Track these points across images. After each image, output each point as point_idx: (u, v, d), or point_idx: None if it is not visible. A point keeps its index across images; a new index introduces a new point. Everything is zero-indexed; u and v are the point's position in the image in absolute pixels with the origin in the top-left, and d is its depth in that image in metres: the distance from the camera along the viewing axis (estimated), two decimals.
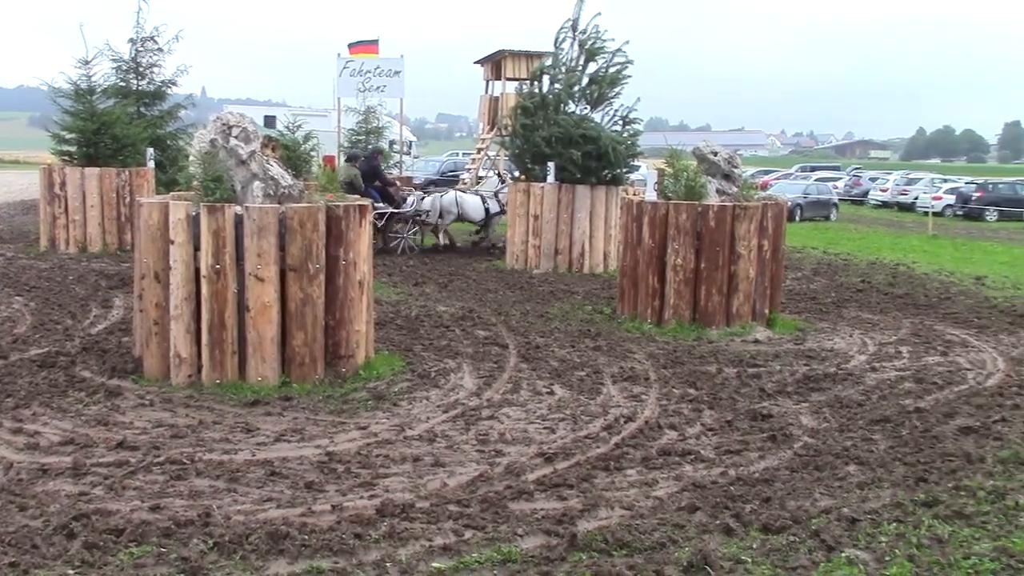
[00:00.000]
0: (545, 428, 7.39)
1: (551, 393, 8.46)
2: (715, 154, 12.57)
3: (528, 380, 8.87)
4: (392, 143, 28.60)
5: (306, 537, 5.07)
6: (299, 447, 6.70)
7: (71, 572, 4.63)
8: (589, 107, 17.81)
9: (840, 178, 51.43)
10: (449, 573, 4.75)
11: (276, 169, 8.86)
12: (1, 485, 5.75)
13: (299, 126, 20.60)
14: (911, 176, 48.95)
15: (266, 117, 36.85)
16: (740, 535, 5.34)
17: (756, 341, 11.03)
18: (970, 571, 4.92)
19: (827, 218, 35.06)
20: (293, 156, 18.11)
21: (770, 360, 10.06)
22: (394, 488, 5.93)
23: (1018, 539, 5.32)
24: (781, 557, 5.05)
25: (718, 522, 5.50)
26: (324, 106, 41.58)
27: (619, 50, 17.48)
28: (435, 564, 4.85)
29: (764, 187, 34.02)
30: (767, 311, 11.88)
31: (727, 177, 12.53)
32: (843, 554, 5.08)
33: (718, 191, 12.31)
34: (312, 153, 19.57)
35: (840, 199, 41.20)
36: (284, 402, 7.77)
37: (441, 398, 8.17)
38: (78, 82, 18.73)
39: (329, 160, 23.20)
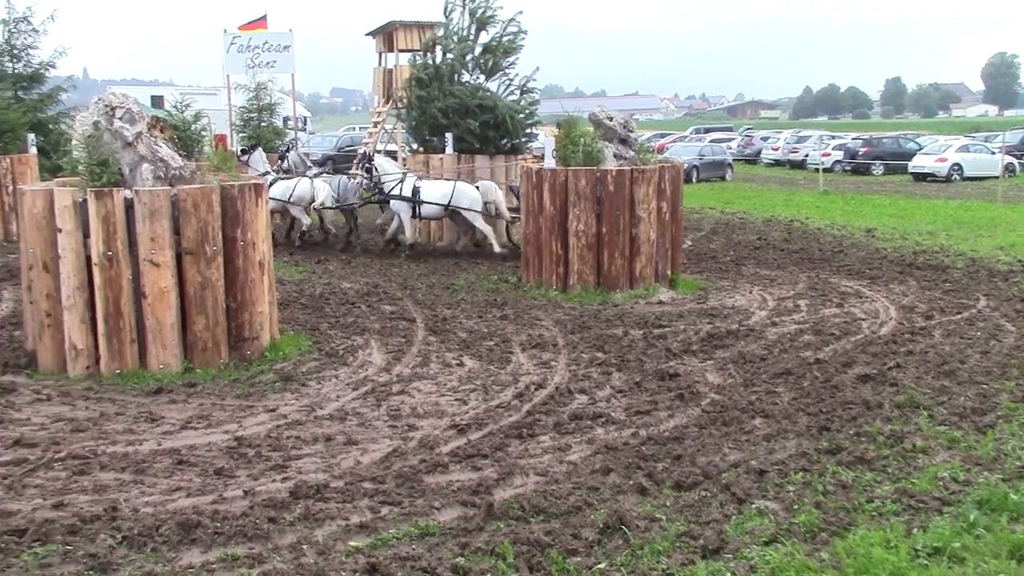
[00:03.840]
0: (457, 400, 7.38)
1: (461, 365, 8.45)
2: (611, 119, 12.66)
3: (437, 353, 8.85)
4: (286, 120, 28.01)
5: (219, 525, 4.97)
6: (207, 434, 6.55)
7: None
8: (484, 77, 17.74)
9: (733, 139, 52.39)
10: (367, 551, 4.72)
11: (165, 150, 8.59)
12: None
13: (188, 105, 19.98)
14: (801, 134, 50.10)
15: (153, 97, 35.65)
16: (654, 494, 5.43)
17: (660, 302, 11.20)
18: (874, 513, 5.10)
19: (723, 178, 35.73)
20: (183, 136, 17.57)
21: (674, 320, 10.23)
22: (307, 469, 5.86)
23: (917, 480, 5.55)
24: (695, 512, 5.16)
25: (632, 482, 5.58)
26: (213, 84, 40.51)
27: (512, 19, 17.44)
28: (352, 543, 4.81)
29: (660, 150, 34.46)
30: (669, 272, 12.07)
31: (623, 142, 12.63)
32: (754, 505, 5.22)
33: (615, 156, 12.41)
34: (203, 133, 19.03)
35: (734, 159, 42.00)
36: (188, 389, 7.59)
37: (350, 376, 8.09)
38: None
39: (220, 139, 22.65)
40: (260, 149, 17.95)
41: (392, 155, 27.00)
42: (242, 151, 17.69)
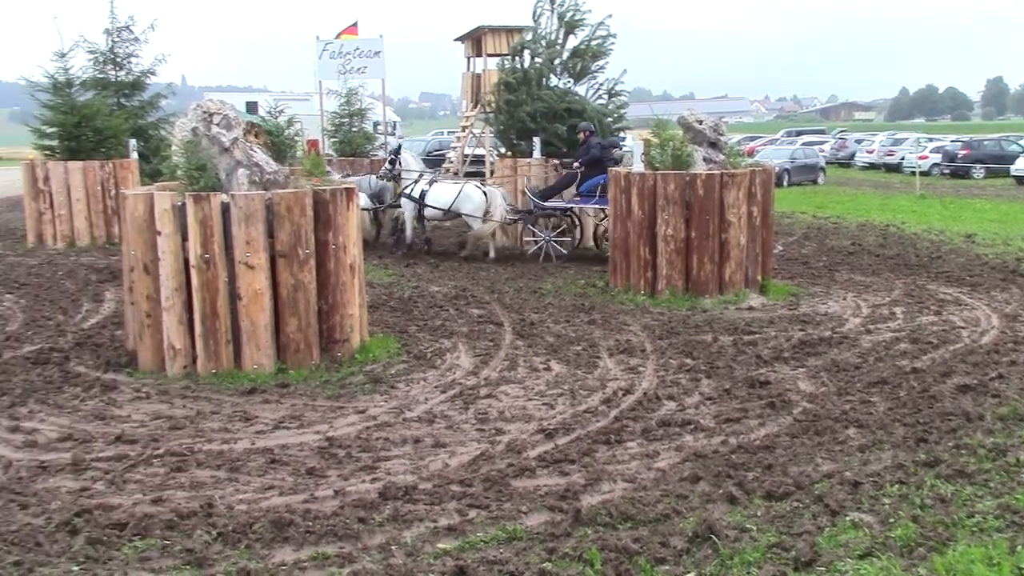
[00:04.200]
0: (544, 404, 7.38)
1: (548, 369, 8.44)
2: (700, 122, 12.53)
3: (524, 357, 8.86)
4: (376, 124, 28.40)
5: (310, 523, 5.05)
6: (299, 433, 6.67)
7: (75, 569, 4.61)
8: (572, 80, 17.72)
9: (826, 141, 51.38)
10: (455, 553, 4.74)
11: (260, 155, 8.79)
12: (1, 484, 5.72)
13: (281, 111, 20.43)
14: (897, 137, 48.90)
15: (248, 103, 36.50)
16: (744, 503, 5.34)
17: (750, 308, 11.03)
18: (974, 529, 4.93)
19: (815, 182, 35.06)
20: (277, 142, 17.96)
21: (765, 326, 10.06)
22: (396, 471, 5.92)
23: (1021, 495, 5.34)
24: (786, 523, 5.06)
25: (721, 491, 5.50)
26: (306, 90, 41.28)
27: (601, 23, 17.39)
28: (440, 545, 4.84)
29: (750, 153, 33.95)
30: (759, 278, 11.87)
31: (713, 145, 12.48)
32: (847, 518, 5.09)
33: (705, 159, 12.27)
34: (296, 138, 19.41)
35: (827, 162, 41.20)
36: (281, 389, 7.74)
37: (438, 378, 8.15)
38: (55, 75, 18.54)
39: (313, 144, 23.05)
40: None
41: (480, 159, 27.17)
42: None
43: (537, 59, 17.64)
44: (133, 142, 18.81)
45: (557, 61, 17.55)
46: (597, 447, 6.33)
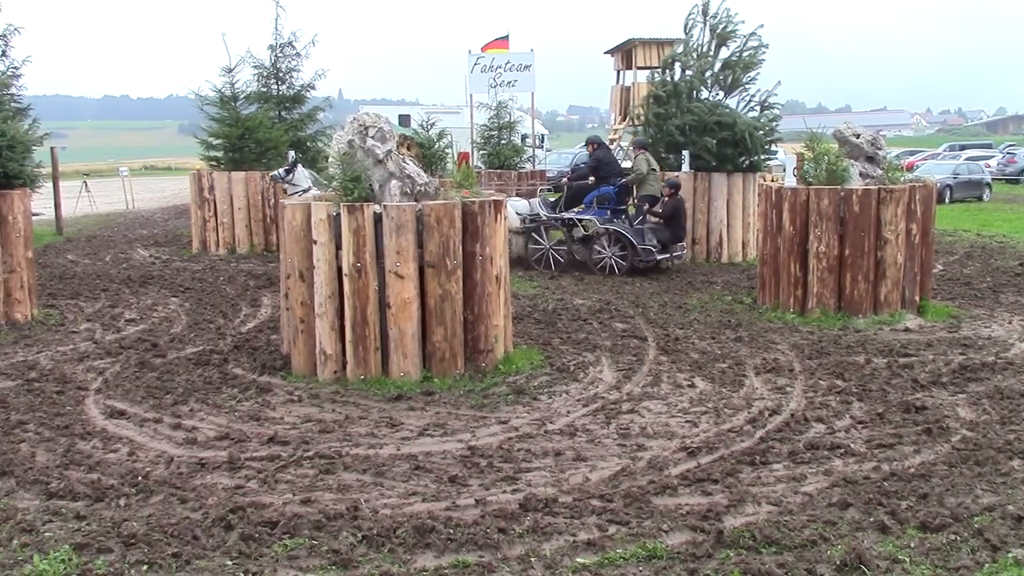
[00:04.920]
0: (687, 422, 7.27)
1: (692, 386, 8.32)
2: (857, 136, 12.13)
3: (668, 373, 8.75)
4: (524, 137, 28.69)
5: (451, 531, 5.12)
6: (442, 441, 6.78)
7: (229, 563, 4.80)
8: (723, 93, 17.48)
9: (992, 156, 48.84)
10: (594, 569, 4.72)
11: (412, 167, 9.00)
12: (163, 478, 6.03)
13: (433, 124, 20.90)
14: None
15: (400, 116, 37.42)
16: (896, 533, 5.12)
17: (906, 329, 10.60)
18: None
19: (979, 199, 33.41)
20: (428, 154, 18.37)
21: (922, 349, 9.64)
22: (536, 482, 5.94)
23: None
24: (942, 557, 4.82)
25: (872, 519, 5.29)
26: (456, 103, 42.05)
27: (753, 34, 17.11)
28: (579, 559, 4.82)
29: (910, 168, 32.65)
30: (917, 298, 11.40)
31: (871, 159, 12.07)
32: (1010, 554, 4.82)
33: (861, 174, 11.87)
34: (446, 150, 19.80)
35: (993, 179, 39.17)
36: (426, 397, 7.89)
37: (581, 392, 8.14)
38: (222, 89, 19.50)
39: (464, 156, 23.44)
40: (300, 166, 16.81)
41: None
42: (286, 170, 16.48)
43: (688, 71, 17.47)
44: (292, 154, 19.55)
45: (708, 73, 17.34)
46: (741, 468, 6.19)
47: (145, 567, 4.74)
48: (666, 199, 15.46)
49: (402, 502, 5.60)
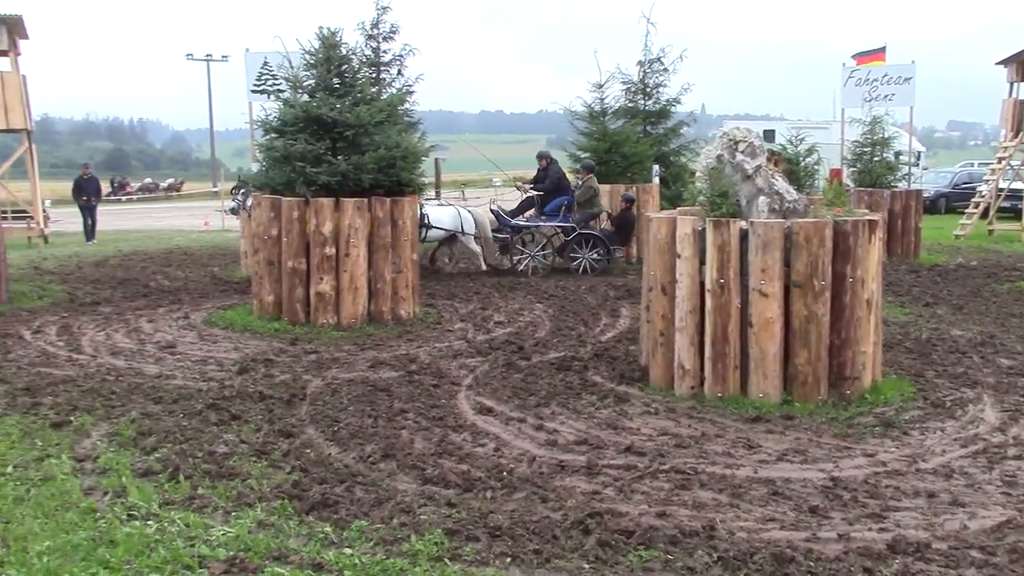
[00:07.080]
0: None
1: None
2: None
3: None
4: (899, 154, 27.03)
5: (812, 564, 4.89)
6: (802, 469, 6.51)
7: (586, 566, 4.91)
8: None
9: None
10: None
11: (781, 184, 8.75)
12: (525, 476, 6.29)
13: (801, 139, 20.27)
14: None
15: (765, 131, 36.70)
16: None
17: None
18: None
19: None
20: (796, 170, 17.85)
21: None
22: (906, 524, 5.52)
23: None
24: None
25: None
26: (824, 118, 40.55)
27: None
28: None
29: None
30: None
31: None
32: None
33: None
34: (815, 167, 19.14)
35: None
36: (785, 421, 7.62)
37: (958, 431, 7.48)
38: (592, 105, 20.16)
39: (836, 173, 22.52)
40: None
41: (1016, 194, 24.64)
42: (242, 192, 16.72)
43: None
44: (656, 168, 19.80)
45: None
46: None
47: (508, 559, 4.97)
48: (622, 210, 17.80)
49: (759, 527, 5.44)
